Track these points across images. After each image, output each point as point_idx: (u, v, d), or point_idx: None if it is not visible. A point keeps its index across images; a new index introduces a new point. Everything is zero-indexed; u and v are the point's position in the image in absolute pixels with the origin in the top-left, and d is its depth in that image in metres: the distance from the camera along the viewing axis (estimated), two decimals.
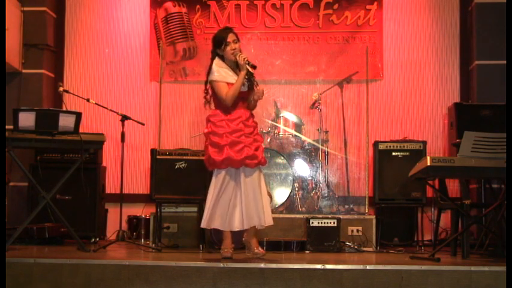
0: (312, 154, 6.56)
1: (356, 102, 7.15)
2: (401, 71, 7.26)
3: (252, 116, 4.92)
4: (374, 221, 5.89)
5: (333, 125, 7.08)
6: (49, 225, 5.85)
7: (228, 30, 4.93)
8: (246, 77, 4.81)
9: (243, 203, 4.73)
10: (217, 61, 4.86)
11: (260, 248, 4.87)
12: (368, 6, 7.24)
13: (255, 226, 4.82)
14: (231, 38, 4.82)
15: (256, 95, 4.86)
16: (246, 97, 4.88)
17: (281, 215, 5.86)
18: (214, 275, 4.27)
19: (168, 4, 7.42)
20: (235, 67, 4.85)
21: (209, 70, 4.88)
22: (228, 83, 4.79)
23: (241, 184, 4.75)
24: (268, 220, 4.81)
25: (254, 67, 4.77)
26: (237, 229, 4.79)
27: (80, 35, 7.47)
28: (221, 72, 4.81)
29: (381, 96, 7.22)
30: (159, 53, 7.14)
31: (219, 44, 4.86)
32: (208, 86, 4.92)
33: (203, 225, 4.82)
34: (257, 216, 4.76)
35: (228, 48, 4.81)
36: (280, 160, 6.21)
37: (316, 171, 6.48)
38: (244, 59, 4.76)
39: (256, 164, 4.78)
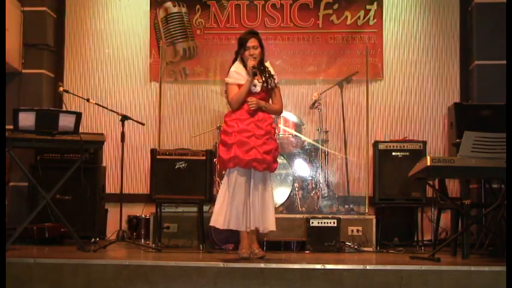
0: (312, 154, 6.55)
1: (356, 102, 7.15)
2: (401, 71, 7.25)
3: (268, 119, 4.91)
4: (374, 221, 5.89)
5: (333, 125, 7.09)
6: (49, 225, 5.85)
7: (251, 34, 4.96)
8: (262, 79, 4.86)
9: (251, 204, 4.76)
10: (237, 63, 4.93)
11: (260, 250, 4.87)
12: (368, 6, 7.23)
13: (256, 228, 4.83)
14: (251, 43, 4.86)
15: (248, 103, 4.84)
16: (260, 98, 4.88)
17: (281, 215, 5.84)
18: (214, 275, 4.28)
19: (168, 4, 7.42)
20: None
21: (228, 71, 4.95)
22: (239, 86, 4.84)
23: (251, 186, 4.78)
24: (272, 225, 4.85)
25: (254, 74, 4.82)
26: (248, 229, 4.80)
27: (80, 35, 7.47)
28: (235, 75, 4.87)
29: (381, 96, 7.22)
30: (159, 53, 7.14)
31: (240, 46, 4.92)
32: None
33: (221, 225, 4.78)
34: (262, 220, 4.79)
35: (247, 53, 4.87)
36: (280, 160, 6.19)
37: (316, 171, 6.48)
38: (251, 66, 4.80)
39: (265, 169, 4.80)
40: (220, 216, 4.78)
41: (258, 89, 4.86)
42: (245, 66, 4.87)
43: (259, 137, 4.80)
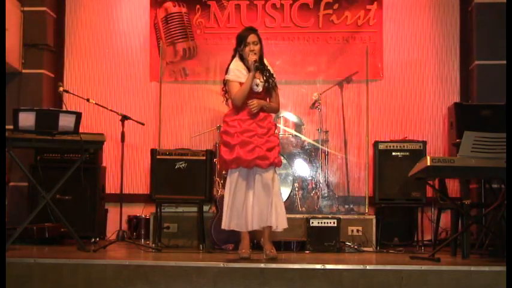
0: (312, 154, 6.56)
1: (356, 102, 7.15)
2: (401, 71, 7.26)
3: (268, 117, 4.90)
4: (374, 221, 5.89)
5: (333, 125, 7.08)
6: (49, 225, 5.85)
7: (250, 30, 4.93)
8: (263, 79, 4.84)
9: (254, 203, 4.71)
10: (236, 60, 4.90)
11: (272, 250, 4.79)
12: (368, 6, 7.24)
13: (268, 227, 4.78)
14: (251, 39, 4.84)
15: (249, 107, 4.81)
16: (261, 98, 4.86)
17: None
18: (214, 275, 4.28)
19: (168, 4, 7.42)
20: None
21: (227, 68, 4.91)
22: (240, 83, 4.81)
23: (254, 184, 4.74)
24: (282, 223, 4.79)
25: (256, 69, 4.79)
26: (248, 230, 4.77)
27: (80, 35, 7.47)
28: (235, 72, 4.84)
29: (381, 96, 7.22)
30: (159, 53, 7.14)
31: (239, 43, 4.89)
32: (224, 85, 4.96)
33: (223, 226, 4.81)
34: (269, 217, 4.73)
35: (247, 49, 4.83)
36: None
37: (316, 171, 6.48)
38: (253, 60, 4.77)
39: (269, 165, 4.76)
40: (223, 217, 4.80)
41: (260, 88, 4.85)
42: (244, 63, 4.86)
43: (261, 136, 4.79)
